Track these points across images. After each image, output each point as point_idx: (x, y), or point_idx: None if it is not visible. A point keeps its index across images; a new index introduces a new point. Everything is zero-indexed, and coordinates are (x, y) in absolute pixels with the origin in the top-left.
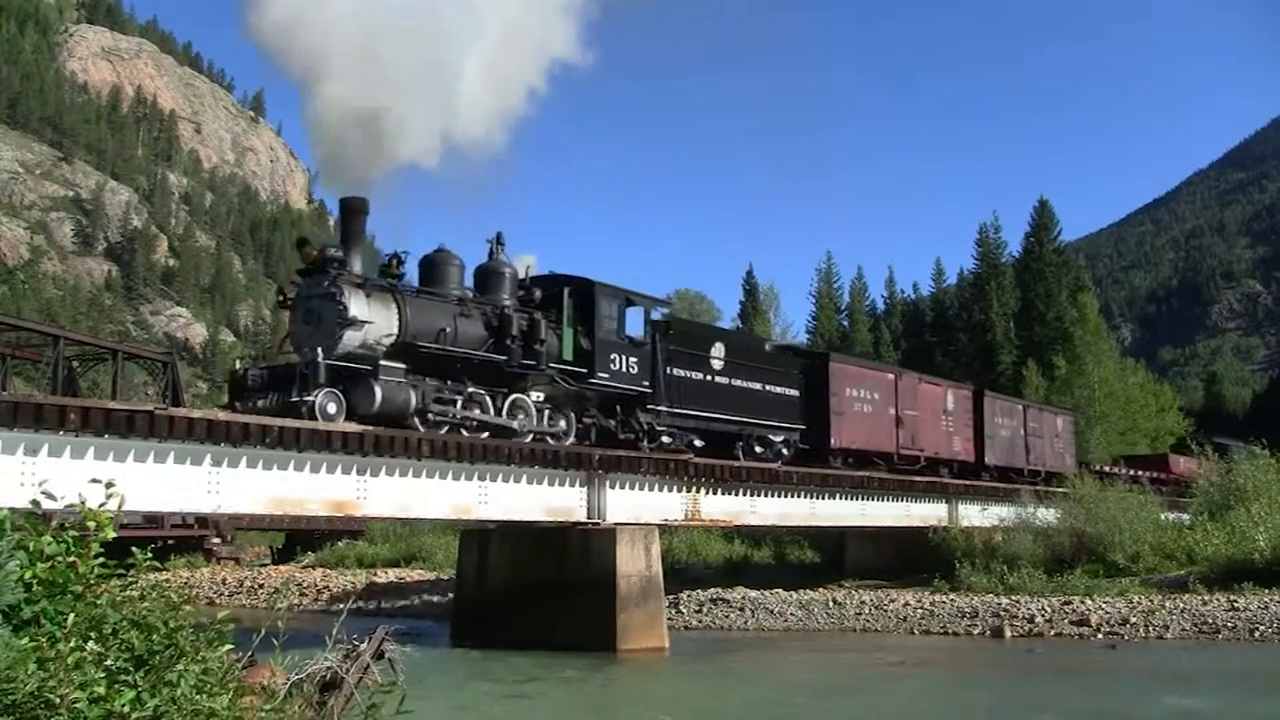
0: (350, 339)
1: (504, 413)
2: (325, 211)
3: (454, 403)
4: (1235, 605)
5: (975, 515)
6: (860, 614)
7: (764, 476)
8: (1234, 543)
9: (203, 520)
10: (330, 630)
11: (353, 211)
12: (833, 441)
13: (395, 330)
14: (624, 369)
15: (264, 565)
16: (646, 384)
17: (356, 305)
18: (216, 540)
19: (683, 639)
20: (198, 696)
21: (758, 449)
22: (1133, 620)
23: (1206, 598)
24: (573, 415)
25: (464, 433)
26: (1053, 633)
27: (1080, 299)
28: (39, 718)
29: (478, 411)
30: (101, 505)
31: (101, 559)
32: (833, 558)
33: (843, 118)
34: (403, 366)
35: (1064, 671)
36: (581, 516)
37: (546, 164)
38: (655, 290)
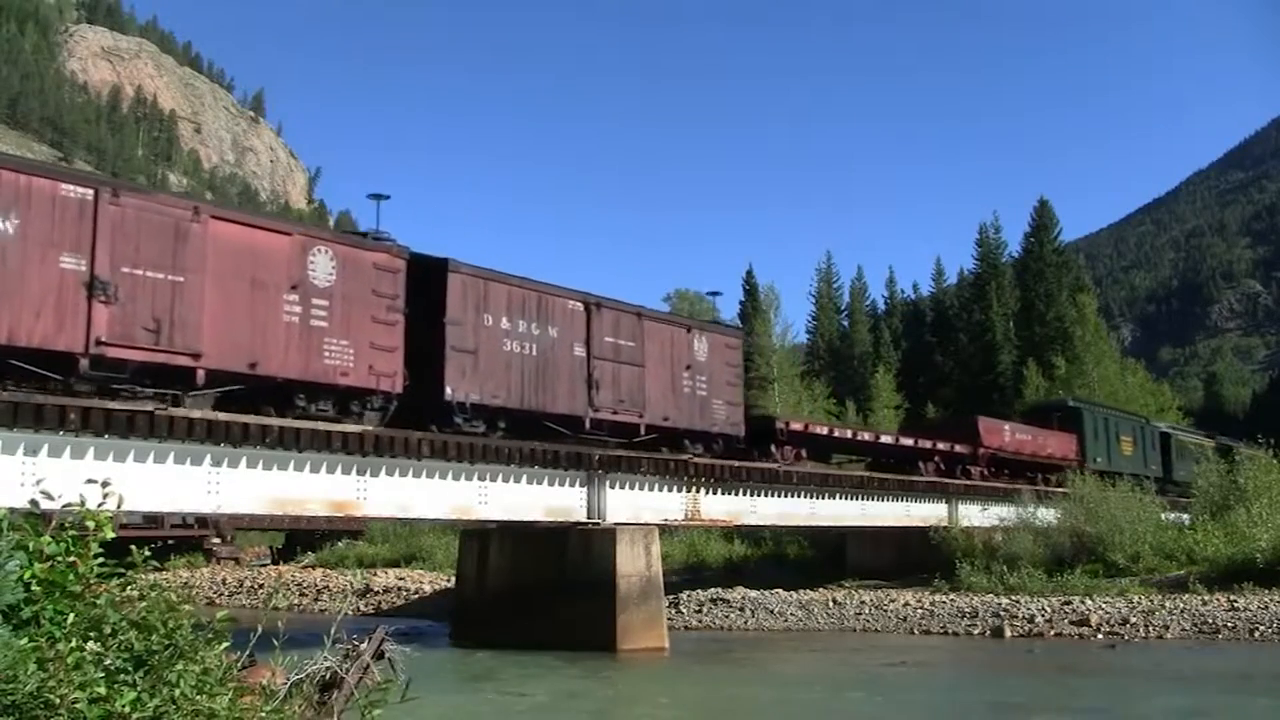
0: None
1: None
2: (325, 211)
3: None
4: (1235, 605)
5: (975, 515)
6: (860, 614)
7: (764, 476)
8: (1234, 543)
9: (203, 520)
10: (330, 630)
11: None
12: None
13: None
14: None
15: (264, 565)
16: None
17: None
18: (216, 540)
19: (683, 639)
20: (198, 696)
21: None
22: (1133, 620)
23: (1206, 598)
24: None
25: None
26: (1053, 633)
27: (1079, 299)
28: (39, 718)
29: None
30: (100, 505)
31: (101, 559)
32: (833, 558)
33: (843, 117)
34: None
35: (1064, 671)
36: (581, 516)
37: (547, 164)
38: (655, 292)
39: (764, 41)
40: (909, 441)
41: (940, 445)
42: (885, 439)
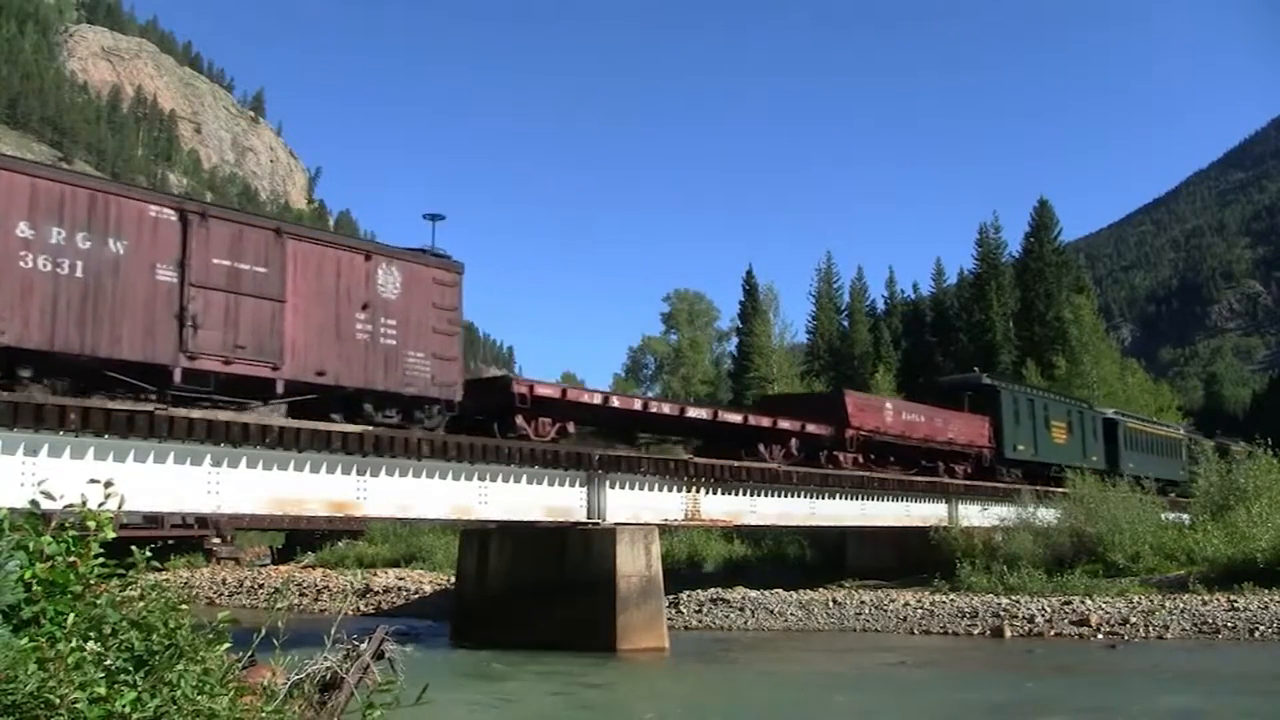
0: None
1: None
2: (325, 211)
3: None
4: (1235, 605)
5: (975, 515)
6: (860, 614)
7: (764, 476)
8: (1234, 543)
9: (203, 520)
10: (330, 630)
11: None
12: None
13: None
14: None
15: (264, 565)
16: None
17: None
18: (216, 540)
19: (683, 639)
20: (198, 697)
21: None
22: (1133, 620)
23: (1206, 598)
24: None
25: None
26: (1053, 633)
27: (1076, 300)
28: (39, 718)
29: None
30: (101, 505)
31: (101, 559)
32: (833, 558)
33: (844, 117)
34: None
35: (1064, 671)
36: (581, 516)
37: (546, 163)
38: (655, 291)
39: (763, 41)
40: (734, 418)
41: (784, 424)
42: (695, 414)
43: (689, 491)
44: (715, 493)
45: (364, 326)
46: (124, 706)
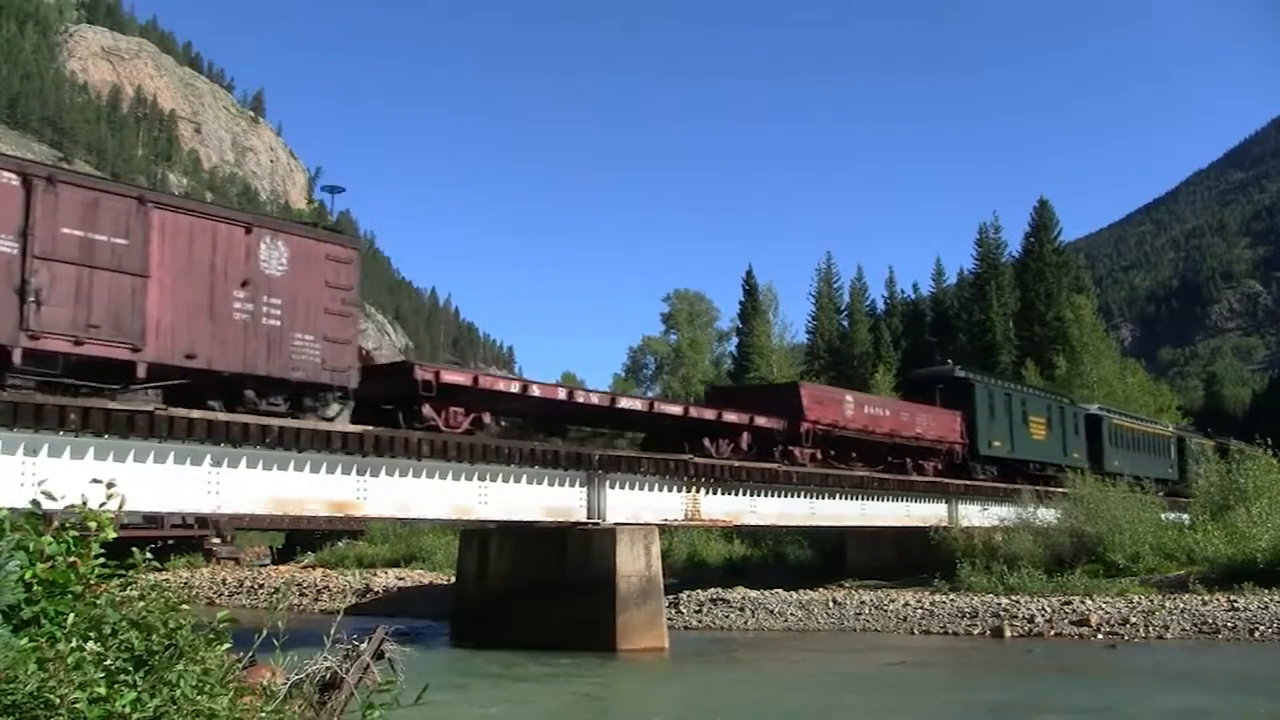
0: None
1: None
2: (325, 211)
3: None
4: (1235, 605)
5: (975, 515)
6: (860, 614)
7: (764, 476)
8: (1234, 543)
9: (203, 520)
10: (330, 630)
11: None
12: None
13: None
14: None
15: (264, 565)
16: None
17: None
18: (216, 540)
19: (683, 639)
20: (198, 697)
21: None
22: (1133, 620)
23: (1206, 598)
24: None
25: None
26: (1053, 633)
27: (1076, 300)
28: (39, 718)
29: None
30: (101, 505)
31: (101, 559)
32: (833, 558)
33: (843, 117)
34: None
35: (1064, 671)
36: (581, 516)
37: (547, 163)
38: (655, 292)
39: (764, 41)
40: (674, 410)
41: (730, 417)
42: (628, 404)
43: (689, 491)
44: (715, 493)
45: (243, 306)
46: (124, 706)
